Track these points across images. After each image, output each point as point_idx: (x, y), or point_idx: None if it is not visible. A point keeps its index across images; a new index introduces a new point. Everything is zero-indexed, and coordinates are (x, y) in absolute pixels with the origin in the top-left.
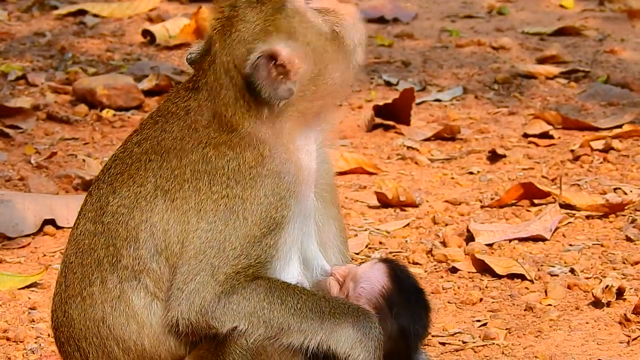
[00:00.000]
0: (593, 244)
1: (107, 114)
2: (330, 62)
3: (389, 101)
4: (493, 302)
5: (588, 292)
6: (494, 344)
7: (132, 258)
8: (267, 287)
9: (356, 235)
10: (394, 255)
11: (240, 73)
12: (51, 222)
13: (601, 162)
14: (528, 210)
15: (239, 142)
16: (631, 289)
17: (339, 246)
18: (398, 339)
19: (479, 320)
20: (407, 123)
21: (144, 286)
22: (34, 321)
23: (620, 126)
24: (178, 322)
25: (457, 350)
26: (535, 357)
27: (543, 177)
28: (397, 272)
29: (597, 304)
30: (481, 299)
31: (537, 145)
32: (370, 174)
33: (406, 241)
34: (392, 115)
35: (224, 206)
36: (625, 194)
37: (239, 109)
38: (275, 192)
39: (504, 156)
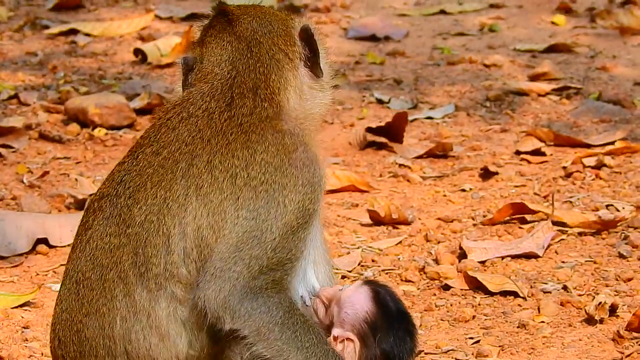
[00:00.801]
0: (586, 261)
1: (99, 132)
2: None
3: (382, 124)
4: (486, 320)
5: (581, 309)
6: None
7: (162, 266)
8: (288, 309)
9: (349, 253)
10: (386, 273)
11: (286, 42)
12: (44, 241)
13: (593, 179)
14: (520, 228)
15: (280, 126)
16: (624, 305)
17: (328, 261)
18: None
19: (472, 338)
20: (400, 142)
21: (170, 294)
22: (27, 340)
23: (612, 143)
24: (197, 305)
25: None
26: None
27: (535, 194)
28: (381, 295)
29: (590, 320)
30: (474, 316)
31: (529, 162)
32: (363, 191)
33: (399, 259)
34: (385, 132)
35: (265, 193)
36: (618, 210)
37: (283, 82)
38: (310, 182)
39: (496, 173)
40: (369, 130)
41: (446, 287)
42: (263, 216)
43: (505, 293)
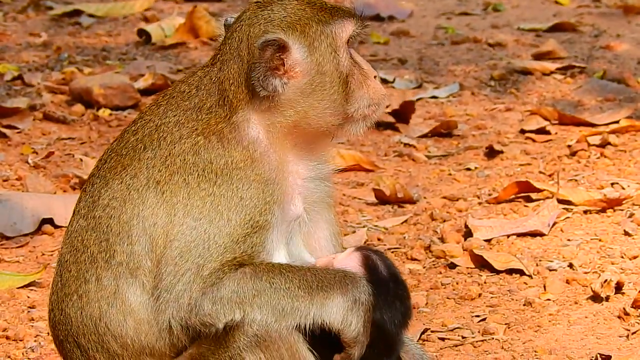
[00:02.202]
0: (591, 239)
1: (103, 113)
2: (326, 99)
3: (388, 110)
4: (492, 298)
5: (587, 286)
6: (493, 338)
7: (126, 254)
8: (253, 273)
9: (354, 232)
10: (392, 251)
11: (249, 48)
12: (49, 221)
13: (598, 157)
14: (526, 206)
15: (231, 135)
16: (630, 283)
17: (331, 250)
18: (375, 329)
19: (478, 316)
20: (407, 122)
21: (140, 283)
22: (33, 320)
23: (617, 121)
24: (171, 325)
25: (456, 346)
26: (535, 351)
27: (540, 172)
28: (372, 261)
29: (596, 298)
30: (480, 295)
31: (534, 141)
32: (368, 171)
33: (404, 237)
34: (392, 113)
35: (210, 204)
36: (623, 188)
37: (240, 86)
38: (261, 197)
39: (501, 152)
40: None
41: (452, 266)
42: (205, 226)
43: (511, 271)
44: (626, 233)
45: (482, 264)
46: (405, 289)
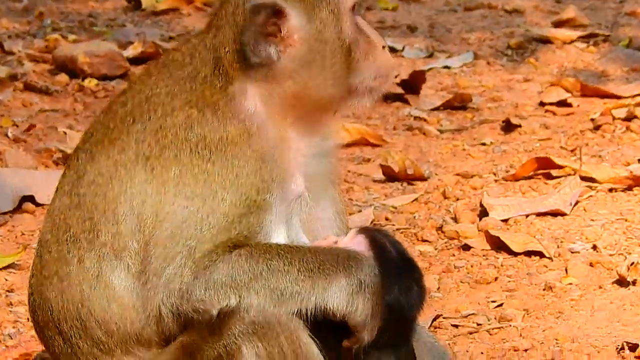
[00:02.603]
0: (616, 219)
1: (89, 83)
2: (327, 70)
3: (397, 81)
4: (509, 282)
5: (612, 269)
6: (510, 325)
7: (111, 235)
8: (249, 254)
9: (360, 211)
10: (401, 232)
11: (245, 13)
12: (30, 198)
13: (624, 132)
14: (546, 183)
15: (227, 108)
16: None
17: (335, 232)
18: (387, 315)
19: (494, 301)
20: (417, 94)
21: (125, 266)
22: (11, 304)
23: None
24: (161, 311)
25: (470, 333)
26: (556, 339)
27: (561, 147)
28: (379, 242)
29: (621, 282)
30: (496, 278)
31: (554, 114)
32: (375, 145)
33: (414, 217)
34: (400, 84)
35: (203, 182)
36: None
37: (236, 54)
38: (259, 175)
39: (519, 126)
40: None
41: (466, 247)
42: (198, 205)
43: (529, 253)
44: None
45: (498, 245)
46: (417, 269)
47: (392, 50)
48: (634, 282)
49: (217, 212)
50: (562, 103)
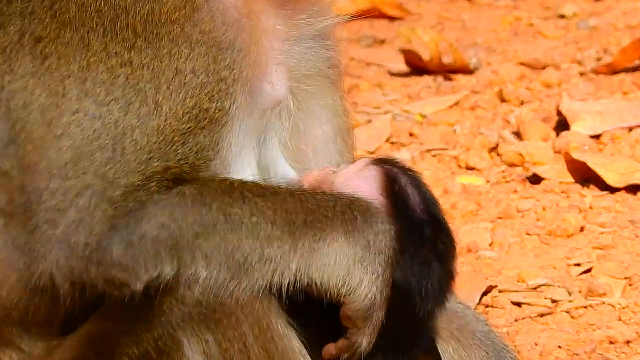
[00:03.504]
0: None
1: None
2: None
3: None
4: (602, 234)
5: None
6: (604, 303)
7: None
8: (197, 195)
9: (369, 121)
10: (434, 155)
11: None
12: None
13: None
14: None
15: None
16: None
17: (333, 159)
18: (395, 296)
19: (578, 264)
20: None
21: None
22: None
23: None
24: (55, 281)
25: (542, 315)
26: None
27: None
28: (399, 184)
29: None
30: (582, 228)
31: None
32: (393, 18)
33: (454, 131)
34: None
35: (125, 80)
36: None
37: None
38: (211, 70)
39: None
40: None
41: (535, 179)
42: (117, 114)
43: (634, 188)
44: None
45: (585, 176)
46: (448, 235)
47: None
48: None
49: (148, 125)
50: None
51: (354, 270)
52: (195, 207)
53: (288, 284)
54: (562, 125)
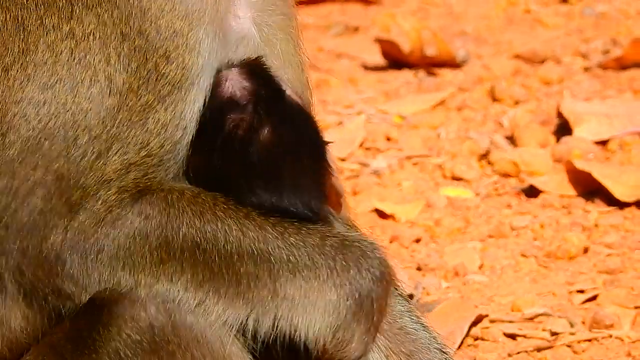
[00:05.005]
0: None
1: None
2: None
3: None
4: (609, 256)
5: None
6: (611, 336)
7: None
8: (164, 216)
9: (340, 123)
10: (415, 164)
11: None
12: None
13: None
14: None
15: None
16: None
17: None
18: None
19: (581, 291)
20: None
21: None
22: None
23: None
24: (6, 285)
25: (539, 350)
26: None
27: None
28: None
29: None
30: (586, 250)
31: None
32: (368, 2)
33: (439, 135)
34: None
35: (70, 55)
36: None
37: None
38: (162, 25)
39: None
40: None
41: (532, 192)
42: (64, 97)
43: None
44: None
45: (590, 188)
46: (320, 139)
47: None
48: None
49: (101, 107)
50: None
51: (343, 325)
52: (161, 230)
53: (262, 330)
54: (563, 129)
